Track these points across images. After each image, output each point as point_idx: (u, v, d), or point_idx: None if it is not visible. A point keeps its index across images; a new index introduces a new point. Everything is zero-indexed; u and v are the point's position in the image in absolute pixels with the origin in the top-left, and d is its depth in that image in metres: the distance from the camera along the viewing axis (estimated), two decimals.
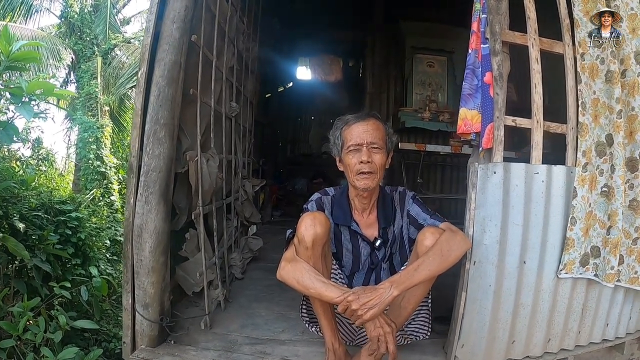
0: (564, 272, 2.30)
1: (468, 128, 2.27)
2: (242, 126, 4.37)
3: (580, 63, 2.33)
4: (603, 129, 2.33)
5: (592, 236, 2.32)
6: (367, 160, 2.15)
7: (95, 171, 10.38)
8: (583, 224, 2.29)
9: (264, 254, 4.41)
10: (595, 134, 2.33)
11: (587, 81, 2.32)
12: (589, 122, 2.33)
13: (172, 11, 2.45)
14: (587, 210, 2.30)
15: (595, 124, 2.33)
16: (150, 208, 2.34)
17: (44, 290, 3.03)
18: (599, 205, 2.32)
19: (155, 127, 2.36)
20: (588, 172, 2.30)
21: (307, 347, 2.52)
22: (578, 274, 2.32)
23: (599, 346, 2.59)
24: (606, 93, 2.32)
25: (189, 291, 2.88)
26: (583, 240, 2.30)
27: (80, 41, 12.82)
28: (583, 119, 2.33)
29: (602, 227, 2.33)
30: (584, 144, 2.32)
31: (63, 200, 4.00)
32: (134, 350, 2.43)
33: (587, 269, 2.33)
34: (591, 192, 2.31)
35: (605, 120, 2.33)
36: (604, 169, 2.32)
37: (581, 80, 2.32)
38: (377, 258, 2.38)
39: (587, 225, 2.30)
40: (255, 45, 5.05)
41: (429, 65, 6.84)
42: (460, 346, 2.33)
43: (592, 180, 2.31)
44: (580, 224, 2.28)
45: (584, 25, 2.34)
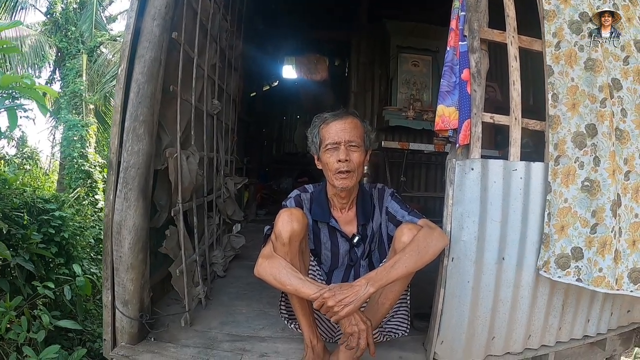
0: (543, 270, 2.25)
1: (445, 125, 2.28)
2: (225, 124, 4.36)
3: (554, 53, 2.32)
4: (583, 118, 2.23)
5: (571, 236, 2.20)
6: (345, 158, 2.15)
7: (80, 170, 10.29)
8: (556, 220, 2.22)
9: (246, 252, 4.40)
10: (573, 123, 2.25)
11: (562, 69, 2.29)
12: (562, 112, 2.27)
13: (152, 8, 2.44)
14: (560, 206, 2.22)
15: (573, 113, 2.26)
16: (129, 204, 2.33)
17: (27, 289, 3.00)
18: (580, 202, 2.20)
19: (134, 124, 2.35)
20: (561, 166, 2.24)
21: (286, 344, 2.53)
22: (556, 277, 2.21)
23: (580, 342, 2.61)
24: (586, 81, 2.25)
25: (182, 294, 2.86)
26: (557, 239, 2.22)
27: (65, 38, 12.71)
28: (554, 112, 2.29)
29: (584, 225, 2.19)
30: (555, 136, 2.27)
31: (47, 198, 3.97)
32: (114, 348, 2.42)
33: (567, 272, 2.19)
34: (567, 187, 2.22)
35: (586, 109, 2.23)
36: (585, 162, 2.21)
37: (553, 71, 2.31)
38: (356, 255, 2.39)
39: (563, 222, 2.22)
40: (239, 43, 5.03)
41: (414, 65, 6.86)
42: (440, 342, 2.34)
43: (567, 173, 2.23)
44: (554, 219, 2.23)
45: (561, 13, 2.32)
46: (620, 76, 2.28)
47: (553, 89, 2.30)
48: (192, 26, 3.05)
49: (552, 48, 2.32)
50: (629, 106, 2.26)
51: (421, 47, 6.87)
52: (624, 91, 2.27)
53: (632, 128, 2.25)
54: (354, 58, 7.47)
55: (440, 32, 6.12)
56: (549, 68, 2.32)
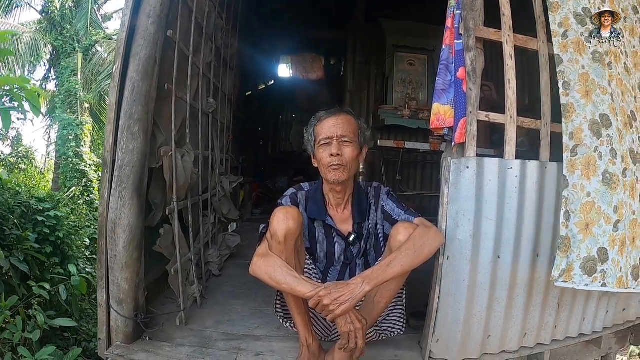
0: (562, 280, 2.06)
1: (441, 123, 2.29)
2: (220, 123, 4.35)
3: (561, 42, 2.26)
4: (597, 107, 2.12)
5: (597, 235, 2.01)
6: (337, 152, 2.17)
7: (75, 169, 10.27)
8: (579, 218, 2.04)
9: (242, 251, 4.39)
10: (589, 111, 2.13)
11: (571, 57, 2.23)
12: (576, 100, 2.16)
13: (147, 6, 2.43)
14: (583, 201, 2.05)
15: (587, 101, 2.14)
16: (124, 203, 2.33)
17: (22, 289, 2.99)
18: (602, 196, 2.04)
19: (129, 122, 2.34)
20: (580, 156, 2.09)
21: (282, 343, 2.52)
22: (583, 285, 2.02)
23: (575, 340, 2.62)
24: (595, 72, 2.19)
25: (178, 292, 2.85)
26: (582, 239, 2.02)
27: (60, 37, 12.69)
28: (567, 100, 2.19)
29: (607, 222, 2.03)
30: (570, 125, 2.16)
31: (42, 198, 3.96)
32: (110, 347, 2.41)
33: (594, 279, 1.98)
34: (589, 179, 2.06)
35: (598, 99, 2.13)
36: (603, 152, 2.07)
37: (562, 60, 2.25)
38: (351, 253, 2.38)
39: (587, 220, 2.02)
40: (235, 42, 5.02)
41: (410, 64, 6.87)
42: (435, 341, 2.34)
43: (587, 164, 2.07)
44: (575, 218, 2.04)
45: (565, 4, 2.28)
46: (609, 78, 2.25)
47: (564, 77, 2.22)
48: (188, 24, 3.04)
49: (559, 37, 2.26)
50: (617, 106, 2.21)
51: (417, 46, 6.89)
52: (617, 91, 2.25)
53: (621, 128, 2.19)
54: (350, 57, 7.48)
55: (436, 31, 6.12)
56: (557, 57, 2.26)
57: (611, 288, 2.02)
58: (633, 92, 2.32)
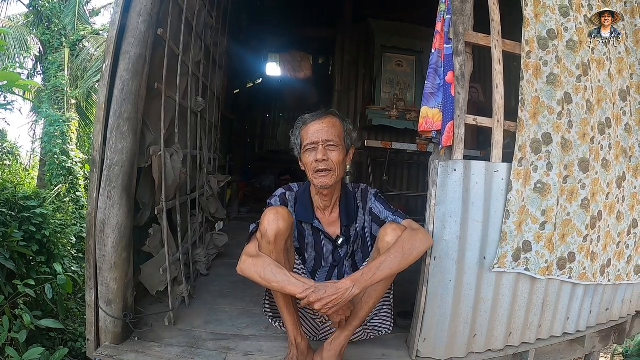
0: (498, 267, 2.35)
1: (429, 126, 2.31)
2: (209, 121, 4.34)
3: (525, 61, 2.39)
4: (541, 127, 2.40)
5: (524, 231, 2.38)
6: (323, 158, 2.18)
7: (61, 166, 10.12)
8: (516, 217, 2.34)
9: (229, 250, 4.40)
10: (532, 130, 2.39)
11: (529, 79, 2.38)
12: (526, 118, 2.38)
13: (138, 4, 2.41)
14: (520, 205, 2.34)
15: (533, 122, 2.39)
16: (112, 203, 2.31)
17: (8, 288, 2.97)
18: (532, 201, 2.38)
19: (118, 121, 2.33)
20: (522, 167, 2.35)
21: (270, 342, 2.54)
22: (511, 269, 2.37)
23: (560, 340, 2.68)
24: (547, 94, 2.41)
25: (152, 291, 2.84)
26: (516, 235, 2.35)
27: (48, 31, 12.48)
28: (521, 115, 2.38)
29: (534, 222, 2.39)
30: (520, 138, 2.36)
31: (27, 195, 3.92)
32: (98, 347, 2.40)
33: (518, 263, 2.38)
34: (525, 187, 2.36)
35: (544, 120, 2.40)
36: (539, 166, 2.39)
37: (523, 77, 2.38)
38: (339, 255, 2.40)
39: (521, 219, 2.36)
40: (224, 40, 5.00)
41: (398, 65, 6.87)
42: (422, 340, 2.38)
43: (526, 175, 2.36)
44: (513, 217, 2.33)
45: (533, 25, 2.40)
46: (572, 91, 2.46)
47: (522, 93, 2.39)
48: (178, 23, 3.04)
49: (524, 54, 2.40)
50: (576, 119, 2.47)
51: (405, 47, 6.88)
52: (573, 105, 2.45)
53: (576, 139, 2.47)
54: (338, 56, 7.44)
55: (424, 32, 6.17)
56: (521, 72, 2.39)
57: (533, 273, 2.42)
58: (613, 99, 2.58)
